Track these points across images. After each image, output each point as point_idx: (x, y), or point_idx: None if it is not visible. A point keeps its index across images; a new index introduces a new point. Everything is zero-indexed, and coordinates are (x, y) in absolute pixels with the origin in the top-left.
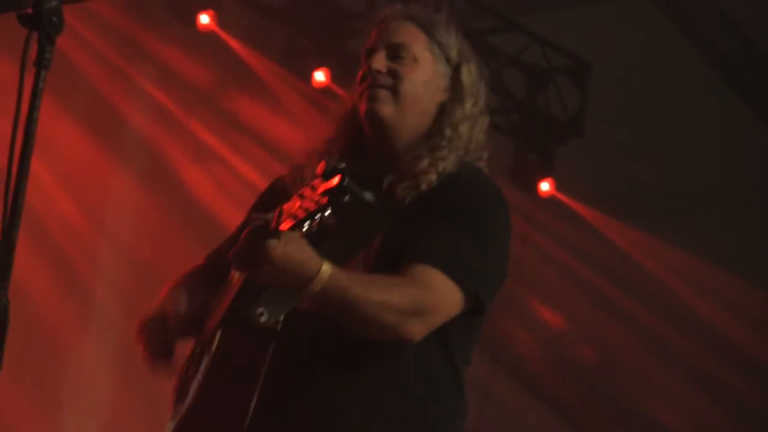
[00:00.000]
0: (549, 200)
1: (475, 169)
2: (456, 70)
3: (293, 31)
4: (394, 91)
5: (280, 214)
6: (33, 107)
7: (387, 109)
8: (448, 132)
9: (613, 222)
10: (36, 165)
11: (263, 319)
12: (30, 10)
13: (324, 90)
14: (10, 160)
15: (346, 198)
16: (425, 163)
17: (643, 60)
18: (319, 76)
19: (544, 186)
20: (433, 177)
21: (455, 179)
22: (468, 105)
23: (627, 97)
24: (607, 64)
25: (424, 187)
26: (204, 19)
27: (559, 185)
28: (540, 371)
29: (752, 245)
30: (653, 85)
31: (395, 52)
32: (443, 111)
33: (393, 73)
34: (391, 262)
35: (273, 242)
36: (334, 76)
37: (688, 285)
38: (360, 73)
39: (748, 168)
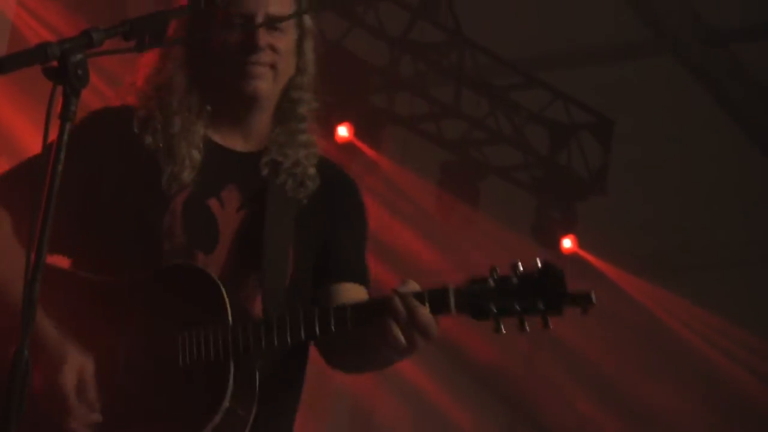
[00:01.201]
0: (571, 257)
1: (335, 164)
2: (301, 40)
3: (316, 86)
4: (274, 67)
5: (461, 295)
6: (57, 160)
7: (266, 86)
8: (303, 111)
9: (636, 279)
10: None
11: None
12: (56, 63)
13: (347, 145)
14: (34, 214)
15: (564, 308)
16: (302, 153)
17: (666, 117)
18: (342, 131)
19: (567, 243)
20: (314, 171)
21: (337, 176)
22: (310, 78)
23: (649, 154)
24: (630, 120)
25: (309, 183)
26: None
27: (581, 242)
28: (560, 424)
29: None
30: (676, 142)
31: (272, 23)
32: (291, 85)
33: (273, 48)
34: (321, 274)
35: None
36: (357, 131)
37: (709, 343)
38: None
39: None
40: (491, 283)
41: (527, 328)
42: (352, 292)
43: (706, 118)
